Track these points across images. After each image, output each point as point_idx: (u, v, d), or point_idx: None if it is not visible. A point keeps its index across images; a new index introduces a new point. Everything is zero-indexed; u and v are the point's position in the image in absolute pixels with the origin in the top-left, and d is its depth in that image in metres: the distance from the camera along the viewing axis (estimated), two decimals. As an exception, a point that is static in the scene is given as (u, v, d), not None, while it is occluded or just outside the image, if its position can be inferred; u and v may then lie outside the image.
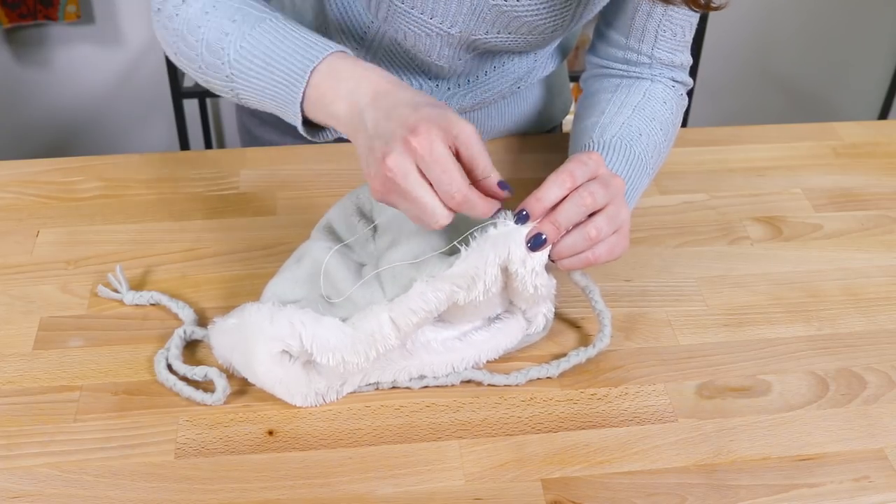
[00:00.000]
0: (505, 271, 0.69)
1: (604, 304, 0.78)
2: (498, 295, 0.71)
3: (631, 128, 0.83)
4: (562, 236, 0.69)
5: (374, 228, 0.80)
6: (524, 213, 0.68)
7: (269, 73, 0.74)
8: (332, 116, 0.71)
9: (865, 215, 0.97)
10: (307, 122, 0.75)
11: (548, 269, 0.71)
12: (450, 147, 0.65)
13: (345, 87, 0.70)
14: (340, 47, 0.73)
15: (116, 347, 0.78)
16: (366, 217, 0.81)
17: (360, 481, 0.68)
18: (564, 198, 0.69)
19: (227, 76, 0.77)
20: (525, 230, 0.68)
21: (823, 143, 1.08)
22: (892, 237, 0.94)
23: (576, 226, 0.69)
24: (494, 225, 0.68)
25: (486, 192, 0.67)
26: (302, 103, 0.73)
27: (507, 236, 0.68)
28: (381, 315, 0.69)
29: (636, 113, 0.85)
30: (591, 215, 0.70)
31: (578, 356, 0.77)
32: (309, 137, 0.76)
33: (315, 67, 0.72)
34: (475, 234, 0.69)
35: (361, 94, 0.69)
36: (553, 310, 0.77)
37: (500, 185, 0.67)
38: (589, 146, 0.82)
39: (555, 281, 0.73)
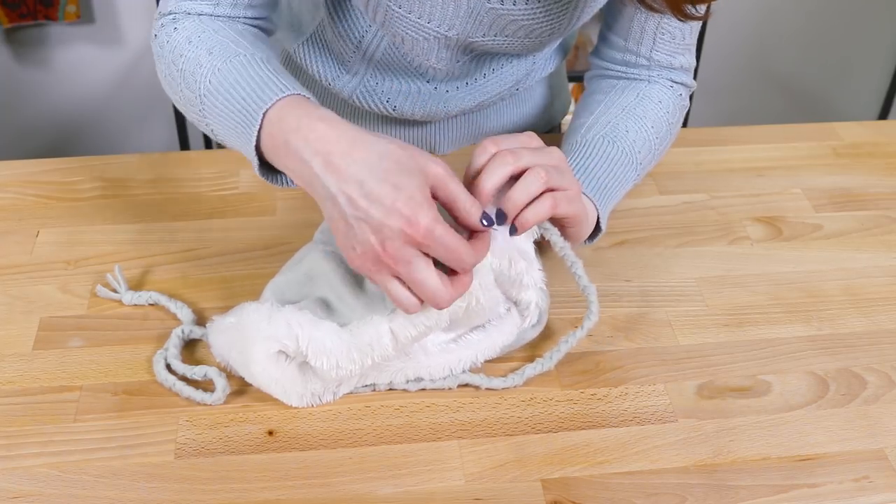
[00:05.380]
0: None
1: (588, 279, 0.75)
2: (494, 290, 0.72)
3: (617, 126, 0.84)
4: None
5: None
6: (500, 212, 0.68)
7: (229, 112, 0.71)
8: (287, 169, 0.68)
9: (865, 215, 0.97)
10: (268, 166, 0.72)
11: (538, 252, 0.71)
12: (431, 194, 0.64)
13: (293, 142, 0.66)
14: (294, 89, 0.69)
15: (116, 347, 0.78)
16: None
17: (360, 481, 0.68)
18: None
19: (199, 111, 0.74)
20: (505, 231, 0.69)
21: (823, 143, 1.08)
22: (892, 237, 0.94)
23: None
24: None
25: (468, 227, 0.66)
26: (259, 147, 0.70)
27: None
28: (382, 326, 0.69)
29: (625, 113, 0.85)
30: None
31: (568, 342, 0.76)
32: (268, 181, 0.73)
33: (266, 114, 0.68)
34: None
35: (310, 155, 0.65)
36: (546, 300, 0.76)
37: (483, 220, 0.66)
38: (573, 146, 0.82)
39: (538, 259, 0.73)
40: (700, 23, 0.88)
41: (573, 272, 0.76)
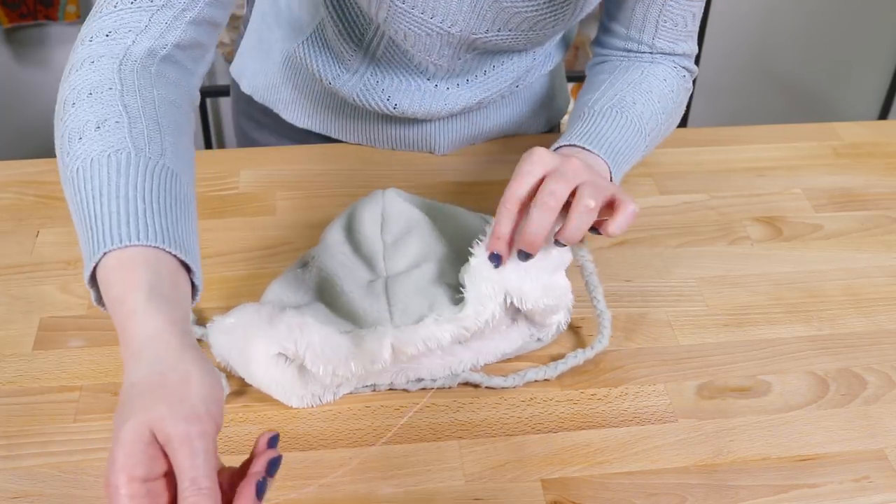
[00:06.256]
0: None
1: (605, 304, 0.78)
2: (504, 318, 0.73)
3: (624, 99, 0.84)
4: (560, 228, 0.69)
5: (389, 246, 0.80)
6: (496, 255, 0.70)
7: (81, 215, 0.60)
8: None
9: (865, 215, 0.97)
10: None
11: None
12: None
13: (114, 318, 0.56)
14: (142, 239, 0.57)
15: (116, 347, 0.78)
16: (386, 229, 0.81)
17: (360, 481, 0.68)
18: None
19: (63, 180, 0.63)
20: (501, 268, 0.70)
21: (823, 143, 1.08)
22: (892, 237, 0.94)
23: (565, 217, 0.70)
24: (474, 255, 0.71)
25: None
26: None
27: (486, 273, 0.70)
28: (384, 339, 0.70)
29: (632, 87, 0.86)
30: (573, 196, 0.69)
31: (576, 358, 0.77)
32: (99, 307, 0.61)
33: (106, 254, 0.57)
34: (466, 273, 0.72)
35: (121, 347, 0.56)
36: (569, 319, 0.77)
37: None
38: (581, 116, 0.82)
39: (568, 282, 0.73)
40: (702, 9, 0.88)
41: (592, 296, 0.78)
